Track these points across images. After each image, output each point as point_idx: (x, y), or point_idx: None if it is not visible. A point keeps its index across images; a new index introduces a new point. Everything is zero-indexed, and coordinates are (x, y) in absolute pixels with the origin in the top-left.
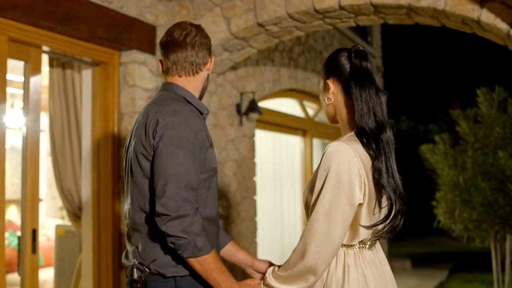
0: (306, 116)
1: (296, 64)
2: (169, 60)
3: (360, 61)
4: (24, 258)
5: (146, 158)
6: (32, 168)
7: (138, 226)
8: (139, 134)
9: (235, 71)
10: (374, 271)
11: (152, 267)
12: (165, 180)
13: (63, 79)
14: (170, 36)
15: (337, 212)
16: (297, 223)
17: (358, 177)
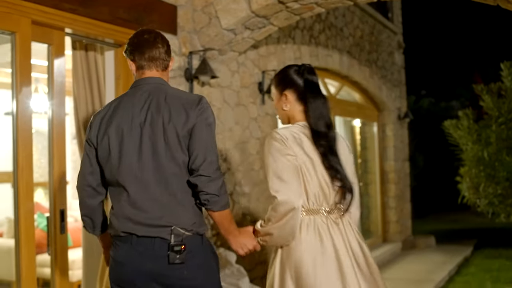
0: (328, 93)
1: (317, 42)
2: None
3: (311, 77)
4: (53, 239)
5: (183, 136)
6: (59, 150)
7: (173, 196)
8: (173, 116)
9: (256, 50)
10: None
11: (193, 229)
12: (205, 149)
13: (86, 62)
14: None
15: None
16: None
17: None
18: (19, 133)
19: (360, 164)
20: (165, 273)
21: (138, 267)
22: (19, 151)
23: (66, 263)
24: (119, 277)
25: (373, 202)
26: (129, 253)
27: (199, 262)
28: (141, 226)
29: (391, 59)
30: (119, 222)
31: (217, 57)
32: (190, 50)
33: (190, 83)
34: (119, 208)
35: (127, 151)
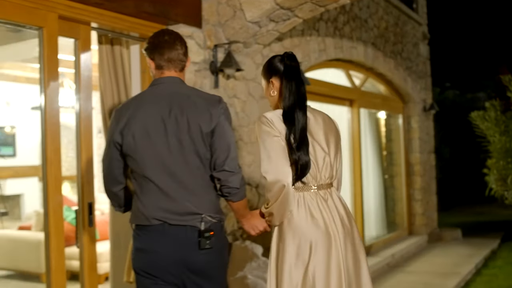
0: (353, 85)
1: (342, 34)
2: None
3: (290, 62)
4: (82, 231)
5: (206, 133)
6: (86, 144)
7: (200, 187)
8: (197, 114)
9: (281, 42)
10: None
11: (218, 217)
12: (228, 147)
13: (112, 56)
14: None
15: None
16: (345, 193)
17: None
18: (48, 127)
19: (385, 157)
20: (195, 258)
21: (171, 254)
22: (47, 145)
23: (94, 255)
24: (151, 265)
25: (398, 194)
26: (161, 241)
27: (220, 246)
28: (173, 215)
29: (416, 50)
30: (150, 211)
31: (242, 50)
32: (215, 43)
33: (215, 76)
34: (148, 198)
35: (154, 146)
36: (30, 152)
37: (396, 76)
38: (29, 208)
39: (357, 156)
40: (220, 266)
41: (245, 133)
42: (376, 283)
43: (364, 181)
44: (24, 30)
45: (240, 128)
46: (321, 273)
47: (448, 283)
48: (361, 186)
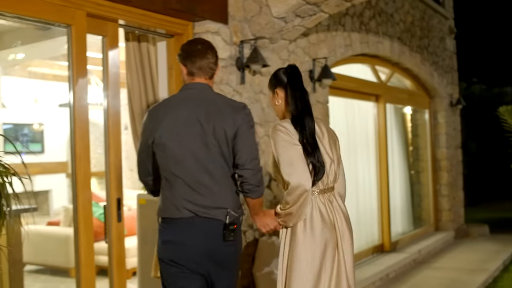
0: (379, 81)
1: (367, 28)
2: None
3: (293, 73)
4: (111, 227)
5: (230, 136)
6: (115, 141)
7: (222, 185)
8: (222, 119)
9: (306, 38)
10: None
11: (239, 211)
12: (250, 148)
13: (139, 53)
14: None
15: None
16: (372, 189)
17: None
18: (76, 124)
19: (412, 152)
20: (219, 249)
21: (198, 245)
22: (76, 141)
23: (123, 250)
24: (179, 256)
25: (425, 190)
26: (189, 234)
27: (239, 239)
28: (201, 208)
29: (442, 44)
30: (179, 204)
31: (268, 46)
32: (241, 39)
33: (241, 72)
34: (177, 193)
35: (182, 146)
36: (57, 148)
37: (423, 70)
38: (57, 203)
39: (383, 152)
40: (237, 257)
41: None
42: (402, 279)
43: (390, 177)
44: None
45: (266, 123)
46: (332, 268)
47: (476, 280)
48: (387, 182)
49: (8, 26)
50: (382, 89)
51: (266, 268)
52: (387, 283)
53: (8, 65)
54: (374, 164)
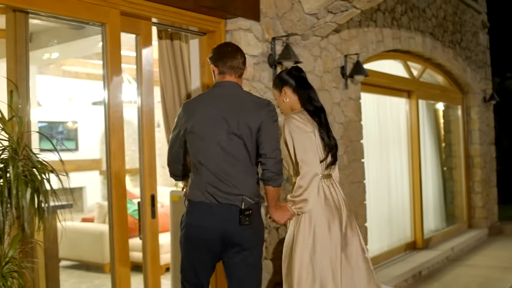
0: (411, 76)
1: (399, 24)
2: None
3: (299, 74)
4: (145, 223)
5: (254, 130)
6: (148, 138)
7: (244, 174)
8: (247, 114)
9: (338, 34)
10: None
11: (257, 199)
12: (272, 140)
13: (172, 51)
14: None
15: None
16: (404, 186)
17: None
18: (111, 122)
19: (444, 148)
20: (237, 232)
21: (217, 228)
22: (111, 139)
23: (157, 246)
24: (199, 237)
25: (457, 186)
26: (209, 218)
27: (257, 224)
28: (223, 194)
29: (475, 39)
30: (204, 189)
31: (299, 42)
32: (273, 36)
33: (273, 68)
34: (202, 179)
35: (209, 138)
36: (91, 146)
37: (455, 66)
38: (90, 200)
39: (415, 148)
40: (256, 240)
41: None
42: (435, 277)
43: (422, 174)
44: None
45: None
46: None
47: (510, 277)
48: (420, 178)
49: (43, 26)
50: (414, 85)
51: None
52: (420, 280)
53: (43, 64)
54: (406, 160)
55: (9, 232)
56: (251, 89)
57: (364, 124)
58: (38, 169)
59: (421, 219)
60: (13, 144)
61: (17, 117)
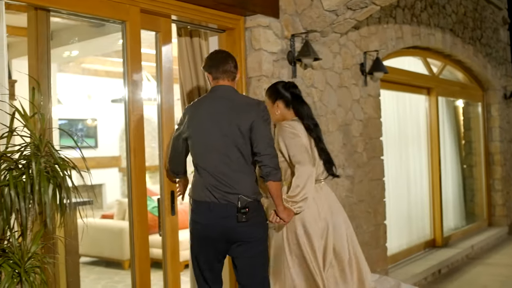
0: (431, 73)
1: (419, 20)
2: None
3: (295, 90)
4: (164, 220)
5: (245, 130)
6: (168, 135)
7: (239, 173)
8: (241, 115)
9: (357, 31)
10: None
11: (254, 197)
12: (265, 137)
13: (191, 48)
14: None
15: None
16: (423, 183)
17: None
18: (131, 119)
19: (464, 146)
20: (235, 229)
21: (217, 226)
22: (131, 136)
23: (177, 243)
24: (202, 234)
25: (477, 184)
26: (209, 216)
27: (256, 220)
28: (221, 194)
29: (495, 36)
30: (205, 190)
31: (319, 39)
32: (292, 32)
33: (293, 65)
34: (202, 179)
35: (205, 139)
36: (110, 143)
37: (475, 63)
38: (110, 197)
39: (435, 146)
40: (255, 235)
41: (323, 123)
42: (454, 275)
43: (442, 171)
44: (105, 25)
45: (317, 117)
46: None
47: None
48: (440, 176)
49: (64, 24)
50: (434, 82)
51: None
52: (439, 278)
53: (63, 62)
54: (426, 158)
55: (31, 228)
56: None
57: (384, 121)
58: (60, 166)
59: (440, 217)
60: (35, 140)
61: (39, 113)
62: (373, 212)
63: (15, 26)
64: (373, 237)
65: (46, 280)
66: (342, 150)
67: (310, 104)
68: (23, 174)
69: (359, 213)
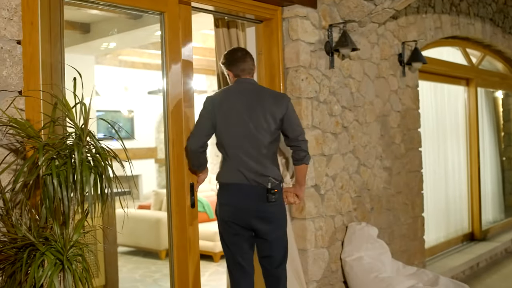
0: (470, 64)
1: (458, 10)
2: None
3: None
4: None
5: (278, 119)
6: (176, 126)
7: (268, 158)
8: (274, 105)
9: (395, 20)
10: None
11: (280, 179)
12: (298, 125)
13: (229, 39)
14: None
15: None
16: (461, 175)
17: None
18: (170, 110)
19: (503, 137)
20: (264, 209)
21: (247, 206)
22: (169, 127)
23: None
24: (233, 215)
25: None
26: (240, 197)
27: (281, 201)
28: (252, 175)
29: None
30: (235, 173)
31: (356, 29)
32: (329, 23)
33: (330, 56)
34: (232, 163)
35: (237, 126)
36: (147, 134)
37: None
38: (146, 188)
39: (474, 138)
40: (281, 215)
41: (361, 114)
42: (493, 269)
43: (480, 163)
44: (142, 17)
45: (355, 108)
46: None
47: None
48: (478, 168)
49: (102, 16)
50: (473, 73)
51: (355, 254)
52: (477, 272)
53: (100, 54)
54: (464, 150)
55: (73, 217)
56: (308, 77)
57: (422, 112)
58: (101, 155)
59: (479, 209)
60: (77, 130)
61: (81, 103)
62: (410, 204)
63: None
64: (410, 229)
65: (88, 268)
66: (380, 142)
67: (347, 95)
68: (65, 163)
69: (396, 205)
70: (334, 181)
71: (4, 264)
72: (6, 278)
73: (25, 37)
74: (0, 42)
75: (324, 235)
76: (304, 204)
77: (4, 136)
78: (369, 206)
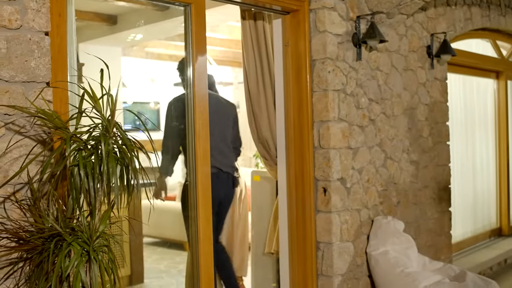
0: (500, 56)
1: (489, 1)
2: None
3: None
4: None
5: (234, 122)
6: (202, 123)
7: (230, 152)
8: (230, 110)
9: (424, 12)
10: None
11: (237, 168)
12: (238, 132)
13: (255, 31)
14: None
15: None
16: (490, 170)
17: None
18: (196, 102)
19: None
20: (230, 192)
21: (221, 190)
22: (196, 119)
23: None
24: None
25: None
26: (216, 182)
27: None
28: (223, 166)
29: None
30: (213, 163)
31: (385, 21)
32: (357, 14)
33: (358, 48)
34: (214, 158)
35: (215, 127)
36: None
37: None
38: (171, 179)
39: (503, 131)
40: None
41: (388, 107)
42: None
43: (510, 158)
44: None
45: (382, 101)
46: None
47: None
48: (507, 163)
49: (128, 8)
50: (503, 65)
51: (381, 248)
52: (505, 268)
53: (127, 46)
54: (493, 144)
55: (99, 208)
56: (335, 69)
57: (450, 105)
58: (128, 147)
59: (507, 205)
60: (104, 121)
61: (108, 95)
62: (437, 198)
63: (82, 11)
64: (437, 224)
65: (113, 258)
66: (407, 135)
67: (374, 88)
68: (92, 154)
69: (423, 199)
70: (360, 175)
71: (31, 253)
72: (33, 267)
73: (53, 28)
74: (29, 34)
75: (350, 229)
76: (330, 197)
77: (31, 127)
78: (396, 200)
